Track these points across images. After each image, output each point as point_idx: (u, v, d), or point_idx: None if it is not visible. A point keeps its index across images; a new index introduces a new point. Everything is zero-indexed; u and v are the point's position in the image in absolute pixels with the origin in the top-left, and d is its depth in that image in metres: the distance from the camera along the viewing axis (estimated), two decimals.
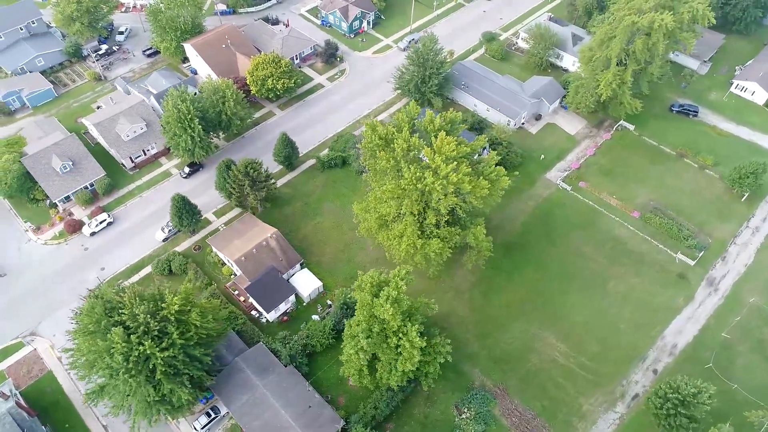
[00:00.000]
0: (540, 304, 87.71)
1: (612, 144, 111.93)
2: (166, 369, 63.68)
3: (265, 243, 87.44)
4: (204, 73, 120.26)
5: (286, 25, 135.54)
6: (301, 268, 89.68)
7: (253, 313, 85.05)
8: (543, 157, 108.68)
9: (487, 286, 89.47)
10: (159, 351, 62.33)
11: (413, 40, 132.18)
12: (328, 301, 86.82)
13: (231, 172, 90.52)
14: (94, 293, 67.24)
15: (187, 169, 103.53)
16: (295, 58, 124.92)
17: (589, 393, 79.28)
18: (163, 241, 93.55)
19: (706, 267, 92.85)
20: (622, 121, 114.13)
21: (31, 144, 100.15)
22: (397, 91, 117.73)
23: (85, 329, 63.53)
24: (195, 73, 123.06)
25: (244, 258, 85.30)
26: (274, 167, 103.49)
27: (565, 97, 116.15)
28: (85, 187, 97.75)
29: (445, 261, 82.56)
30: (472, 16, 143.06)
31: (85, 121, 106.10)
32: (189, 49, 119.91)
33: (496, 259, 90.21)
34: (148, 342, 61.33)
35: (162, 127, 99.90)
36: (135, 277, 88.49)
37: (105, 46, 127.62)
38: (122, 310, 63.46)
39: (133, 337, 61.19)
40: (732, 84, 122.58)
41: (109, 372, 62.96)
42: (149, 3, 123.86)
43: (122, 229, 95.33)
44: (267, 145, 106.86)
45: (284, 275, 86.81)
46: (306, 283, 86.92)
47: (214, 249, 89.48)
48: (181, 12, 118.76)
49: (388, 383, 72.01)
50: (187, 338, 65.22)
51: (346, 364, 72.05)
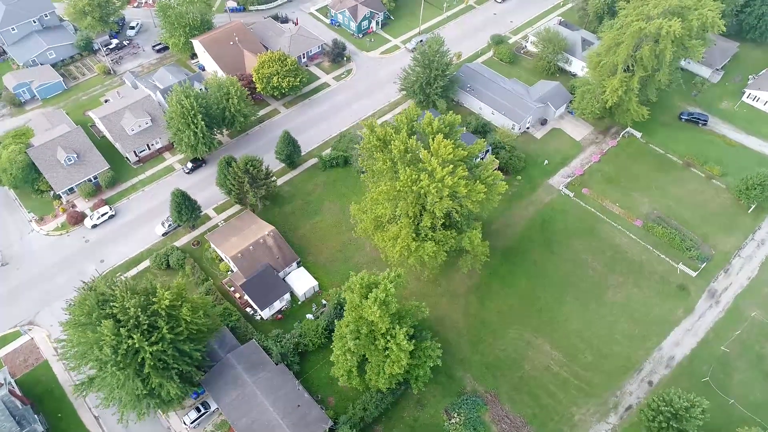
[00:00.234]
0: (536, 311, 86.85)
1: (618, 151, 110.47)
2: (155, 363, 64.15)
3: (262, 240, 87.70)
4: (211, 70, 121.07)
5: (295, 24, 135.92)
6: (298, 267, 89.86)
7: (248, 310, 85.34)
8: (546, 162, 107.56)
9: (483, 291, 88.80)
10: (148, 345, 62.66)
11: (421, 41, 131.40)
12: (324, 301, 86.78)
13: (231, 169, 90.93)
14: (88, 285, 67.86)
15: (190, 165, 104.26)
16: (303, 57, 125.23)
17: (582, 403, 78.35)
18: (163, 235, 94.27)
19: (708, 279, 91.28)
20: (629, 128, 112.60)
21: (38, 135, 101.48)
22: (403, 92, 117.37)
23: (77, 321, 64.08)
24: (203, 69, 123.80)
25: (240, 255, 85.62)
26: (276, 165, 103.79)
27: (571, 102, 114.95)
28: (89, 180, 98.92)
29: (440, 264, 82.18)
30: (483, 19, 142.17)
31: (92, 114, 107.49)
32: (197, 45, 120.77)
33: (494, 264, 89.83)
34: (138, 335, 61.66)
35: (166, 122, 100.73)
36: (133, 271, 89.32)
37: (115, 41, 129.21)
38: (113, 303, 63.98)
39: (123, 330, 61.57)
40: (744, 93, 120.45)
41: (98, 364, 63.67)
42: None
43: (123, 223, 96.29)
44: (270, 142, 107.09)
45: (280, 273, 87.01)
46: (301, 282, 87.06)
47: (212, 245, 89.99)
48: (191, 8, 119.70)
49: (377, 385, 71.87)
50: (177, 333, 65.52)
51: (336, 364, 72.05)
